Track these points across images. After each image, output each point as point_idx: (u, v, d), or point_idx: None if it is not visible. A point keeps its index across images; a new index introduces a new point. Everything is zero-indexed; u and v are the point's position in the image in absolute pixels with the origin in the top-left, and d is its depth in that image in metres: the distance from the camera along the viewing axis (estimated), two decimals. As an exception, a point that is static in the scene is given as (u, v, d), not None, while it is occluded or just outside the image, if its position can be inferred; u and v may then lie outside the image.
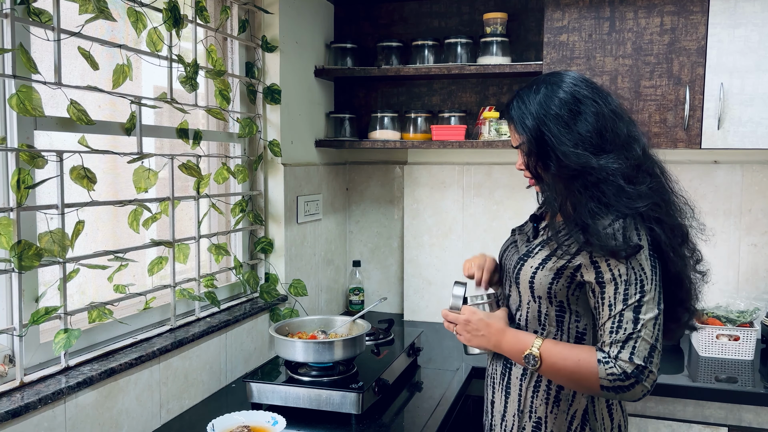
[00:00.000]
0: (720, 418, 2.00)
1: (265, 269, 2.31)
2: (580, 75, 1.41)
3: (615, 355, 1.26)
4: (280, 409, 1.72)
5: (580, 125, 1.33)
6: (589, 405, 1.40)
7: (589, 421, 1.40)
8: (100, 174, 1.54)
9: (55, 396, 1.36)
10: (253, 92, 2.23)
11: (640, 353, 1.24)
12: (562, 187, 1.36)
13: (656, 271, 1.30)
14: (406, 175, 2.80)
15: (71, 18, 1.49)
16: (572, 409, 1.40)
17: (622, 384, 1.25)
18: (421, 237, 2.80)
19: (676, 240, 1.34)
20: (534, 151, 1.38)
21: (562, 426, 1.40)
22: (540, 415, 1.41)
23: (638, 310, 1.26)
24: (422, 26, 2.70)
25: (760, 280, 2.45)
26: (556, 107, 1.35)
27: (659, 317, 1.28)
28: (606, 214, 1.30)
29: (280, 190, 2.30)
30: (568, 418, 1.40)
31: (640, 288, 1.27)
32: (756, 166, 2.43)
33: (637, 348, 1.25)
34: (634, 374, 1.24)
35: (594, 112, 1.34)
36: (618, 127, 1.35)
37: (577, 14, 2.23)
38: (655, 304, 1.27)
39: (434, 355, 2.32)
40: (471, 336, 1.46)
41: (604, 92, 1.40)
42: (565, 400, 1.40)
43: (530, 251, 1.44)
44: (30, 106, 1.33)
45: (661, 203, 1.33)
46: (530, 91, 1.40)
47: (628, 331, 1.25)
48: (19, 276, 1.37)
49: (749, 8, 2.06)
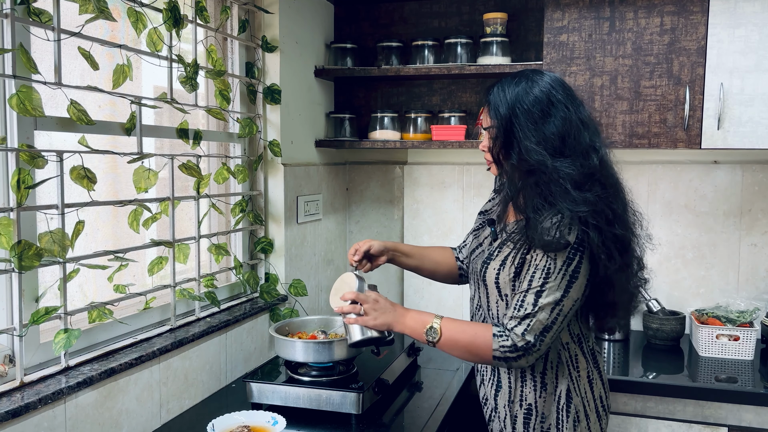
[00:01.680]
0: (720, 418, 2.00)
1: (265, 269, 2.31)
2: (559, 78, 1.50)
3: (511, 327, 1.41)
4: (280, 409, 1.72)
5: (547, 126, 1.42)
6: (570, 383, 1.52)
7: (573, 398, 1.52)
8: (100, 174, 1.55)
9: (55, 396, 1.36)
10: (253, 92, 2.23)
11: (533, 331, 1.39)
12: (518, 178, 1.46)
13: (571, 264, 1.40)
14: (406, 175, 2.80)
15: (71, 18, 1.49)
16: (557, 390, 1.52)
17: (511, 355, 1.40)
18: (421, 237, 2.80)
19: (613, 247, 1.41)
20: (500, 138, 1.48)
21: (551, 407, 1.52)
22: (530, 402, 1.53)
23: (539, 294, 1.40)
24: (422, 26, 2.70)
25: (760, 280, 2.45)
26: (529, 103, 1.44)
27: (561, 303, 1.40)
28: (547, 210, 1.40)
29: (280, 190, 2.30)
30: (555, 398, 1.52)
31: (545, 275, 1.40)
32: (756, 166, 2.43)
33: (530, 326, 1.39)
34: (522, 348, 1.39)
35: (562, 117, 1.43)
36: (581, 136, 1.44)
37: (577, 14, 2.23)
38: (560, 291, 1.39)
39: (434, 355, 2.32)
40: (378, 314, 1.54)
41: (578, 100, 1.49)
42: (550, 384, 1.52)
43: (492, 254, 1.55)
44: (30, 106, 1.33)
45: (606, 211, 1.40)
46: (512, 81, 1.49)
47: (527, 311, 1.40)
48: (19, 276, 1.37)
49: (749, 8, 2.06)
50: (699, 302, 2.50)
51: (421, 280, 2.80)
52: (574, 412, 1.51)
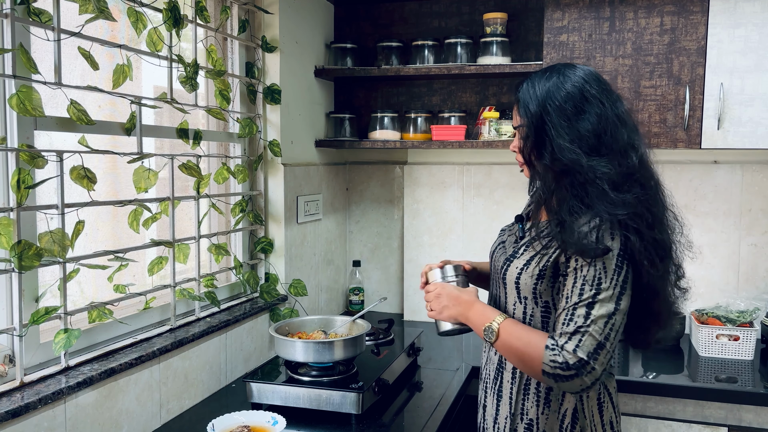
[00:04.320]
0: (720, 418, 2.00)
1: (265, 269, 2.31)
2: (593, 72, 1.40)
3: (562, 344, 1.27)
4: (280, 409, 1.72)
5: (582, 123, 1.33)
6: (578, 404, 1.41)
7: (579, 420, 1.41)
8: (100, 174, 1.54)
9: (55, 396, 1.36)
10: (253, 92, 2.23)
11: (585, 347, 1.25)
12: (551, 179, 1.36)
13: (620, 273, 1.29)
14: (406, 175, 2.80)
15: (71, 18, 1.49)
16: (563, 409, 1.41)
17: (562, 373, 1.26)
18: (421, 237, 2.80)
19: (654, 252, 1.32)
20: (531, 137, 1.38)
21: (554, 425, 1.41)
22: (531, 417, 1.43)
23: (591, 306, 1.27)
24: (422, 26, 2.70)
25: (760, 280, 2.45)
26: (561, 99, 1.34)
27: (613, 317, 1.28)
28: (584, 213, 1.31)
29: (280, 190, 2.30)
30: (559, 417, 1.41)
31: (596, 285, 1.28)
32: (756, 166, 2.43)
33: (582, 342, 1.26)
34: (575, 366, 1.25)
35: (597, 113, 1.33)
36: (618, 133, 1.34)
37: (577, 14, 2.23)
38: (612, 303, 1.28)
39: (434, 355, 2.32)
40: (442, 308, 1.51)
41: (614, 95, 1.39)
42: (555, 401, 1.41)
43: (516, 252, 1.46)
44: (30, 106, 1.33)
45: (646, 214, 1.31)
46: (542, 76, 1.40)
47: (578, 324, 1.27)
48: (19, 276, 1.37)
49: (749, 8, 2.06)
50: (699, 302, 2.50)
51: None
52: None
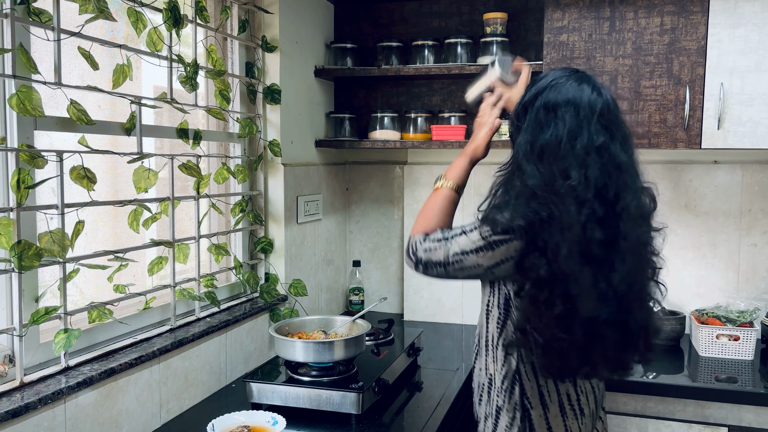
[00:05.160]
0: (720, 418, 2.00)
1: (265, 269, 2.31)
2: (608, 96, 1.44)
3: (433, 238, 1.52)
4: (280, 409, 1.72)
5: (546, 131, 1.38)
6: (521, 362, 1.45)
7: (518, 381, 1.44)
8: (100, 174, 1.54)
9: (55, 396, 1.36)
10: (253, 92, 2.23)
11: (430, 252, 1.49)
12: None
13: (488, 239, 1.41)
14: (406, 175, 2.80)
15: (71, 18, 1.49)
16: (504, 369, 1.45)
17: (409, 252, 1.52)
18: (421, 237, 2.79)
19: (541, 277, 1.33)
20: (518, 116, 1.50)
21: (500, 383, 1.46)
22: (491, 373, 1.48)
23: (460, 235, 1.49)
24: (422, 26, 2.70)
25: (760, 280, 2.45)
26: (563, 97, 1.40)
27: (466, 256, 1.44)
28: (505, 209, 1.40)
29: (280, 190, 2.30)
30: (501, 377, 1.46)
31: (464, 229, 1.49)
32: (756, 166, 2.43)
33: (434, 249, 1.48)
34: (415, 257, 1.50)
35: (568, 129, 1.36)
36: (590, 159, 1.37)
37: (577, 14, 2.23)
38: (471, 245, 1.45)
39: (434, 355, 2.32)
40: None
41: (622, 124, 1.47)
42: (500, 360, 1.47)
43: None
44: (30, 106, 1.33)
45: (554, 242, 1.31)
46: (564, 72, 1.46)
47: (446, 235, 1.51)
48: (19, 276, 1.37)
49: (749, 8, 2.06)
50: (699, 302, 2.50)
51: (421, 280, 2.80)
52: (519, 395, 1.43)
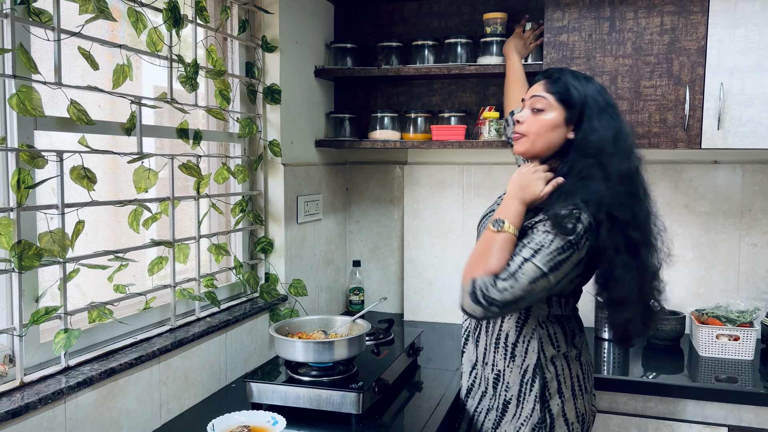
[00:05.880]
0: (720, 418, 2.00)
1: (265, 269, 2.31)
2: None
3: (501, 277, 1.46)
4: (280, 409, 1.72)
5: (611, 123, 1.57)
6: (543, 360, 1.61)
7: (538, 376, 1.61)
8: (100, 174, 1.54)
9: (55, 396, 1.36)
10: (253, 92, 2.23)
11: (508, 292, 1.44)
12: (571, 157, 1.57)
13: (562, 255, 1.46)
14: (406, 175, 2.80)
15: (71, 18, 1.49)
16: (525, 365, 1.62)
17: (479, 297, 1.46)
18: (421, 237, 2.80)
19: (621, 244, 1.48)
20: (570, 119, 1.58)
21: (516, 378, 1.63)
22: (500, 369, 1.66)
23: (524, 263, 1.46)
24: (422, 26, 2.70)
25: (760, 280, 2.45)
26: (602, 100, 1.58)
27: (538, 281, 1.45)
28: (579, 191, 1.50)
29: (280, 190, 2.30)
30: (521, 372, 1.63)
31: (536, 249, 1.47)
32: (756, 166, 2.43)
33: (510, 288, 1.44)
34: (489, 299, 1.44)
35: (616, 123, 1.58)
36: (629, 139, 1.63)
37: (577, 14, 2.23)
38: (543, 269, 1.45)
39: (434, 355, 2.32)
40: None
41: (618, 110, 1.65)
42: (519, 356, 1.63)
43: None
44: (30, 106, 1.33)
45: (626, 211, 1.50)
46: (577, 76, 1.60)
47: (511, 271, 1.46)
48: (19, 276, 1.37)
49: (749, 8, 2.06)
50: (699, 302, 2.50)
51: (421, 280, 2.80)
52: (540, 388, 1.60)
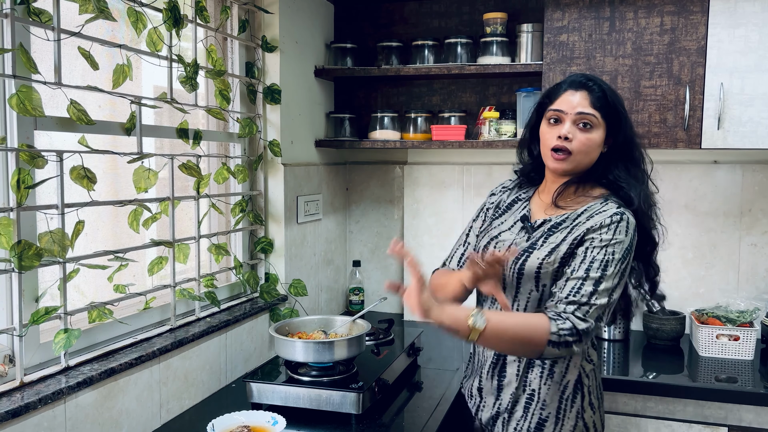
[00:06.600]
0: (720, 418, 2.00)
1: (265, 269, 2.31)
2: None
3: (571, 311, 1.39)
4: (280, 409, 1.72)
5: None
6: (583, 374, 1.56)
7: (579, 389, 1.56)
8: (100, 174, 1.54)
9: (55, 396, 1.36)
10: (253, 92, 2.23)
11: (591, 316, 1.40)
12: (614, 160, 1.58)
13: (625, 261, 1.47)
14: (406, 175, 2.80)
15: (71, 18, 1.49)
16: (565, 380, 1.55)
17: (570, 339, 1.36)
18: (421, 237, 2.80)
19: (647, 241, 1.57)
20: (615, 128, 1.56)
21: (554, 395, 1.55)
22: (534, 388, 1.56)
23: (598, 283, 1.42)
24: (422, 26, 2.70)
25: (760, 280, 2.45)
26: (621, 104, 1.58)
27: (614, 292, 1.43)
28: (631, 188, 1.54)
29: (280, 190, 2.30)
30: (560, 387, 1.55)
31: (603, 266, 1.43)
32: (756, 166, 2.43)
33: (590, 312, 1.40)
34: (582, 331, 1.37)
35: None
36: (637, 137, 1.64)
37: (577, 14, 2.23)
38: (614, 280, 1.43)
39: (434, 355, 2.32)
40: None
41: None
42: (558, 372, 1.55)
43: (534, 244, 1.55)
44: (30, 106, 1.33)
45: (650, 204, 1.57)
46: (605, 83, 1.58)
47: (586, 298, 1.40)
48: (19, 276, 1.37)
49: (749, 8, 2.06)
50: (699, 302, 2.50)
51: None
52: (580, 402, 1.55)
